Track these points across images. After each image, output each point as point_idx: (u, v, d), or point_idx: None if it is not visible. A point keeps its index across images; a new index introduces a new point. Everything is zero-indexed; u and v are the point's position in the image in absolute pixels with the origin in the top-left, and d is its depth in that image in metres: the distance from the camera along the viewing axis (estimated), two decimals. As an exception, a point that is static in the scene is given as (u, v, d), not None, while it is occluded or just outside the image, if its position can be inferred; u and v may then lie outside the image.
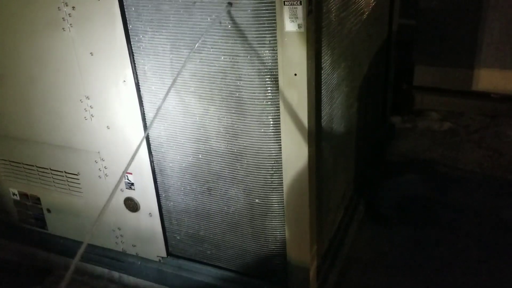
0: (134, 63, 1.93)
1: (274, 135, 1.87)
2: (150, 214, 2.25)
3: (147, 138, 2.09)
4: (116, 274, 2.49)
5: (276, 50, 1.69)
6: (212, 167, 2.03)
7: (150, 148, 2.11)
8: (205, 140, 1.98)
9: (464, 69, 3.86)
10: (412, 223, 2.81)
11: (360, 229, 2.75)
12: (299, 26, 1.61)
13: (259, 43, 1.71)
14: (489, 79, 3.83)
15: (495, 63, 3.73)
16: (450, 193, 3.07)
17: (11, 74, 2.21)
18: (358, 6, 2.31)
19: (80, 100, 2.09)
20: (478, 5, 3.58)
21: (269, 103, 1.81)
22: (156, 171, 2.16)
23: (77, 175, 2.33)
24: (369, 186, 3.03)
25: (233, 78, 1.81)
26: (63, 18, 1.93)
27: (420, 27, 3.79)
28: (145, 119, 2.04)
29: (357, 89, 2.56)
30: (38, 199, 2.55)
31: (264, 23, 1.67)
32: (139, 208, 2.25)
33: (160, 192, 2.21)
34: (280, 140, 1.86)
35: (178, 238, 2.30)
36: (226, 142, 1.95)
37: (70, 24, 1.93)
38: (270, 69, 1.75)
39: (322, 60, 1.86)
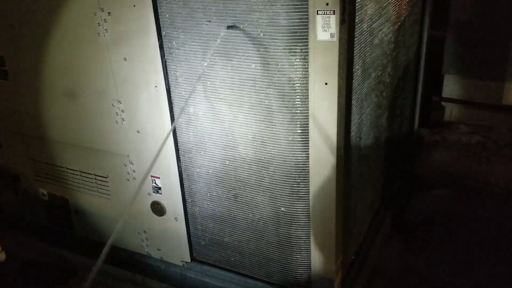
0: (166, 69, 1.96)
1: (301, 143, 1.86)
2: (176, 219, 2.26)
3: (176, 143, 2.11)
4: (139, 277, 2.51)
5: (307, 58, 1.69)
6: (239, 174, 2.04)
7: (178, 153, 2.12)
8: (233, 146, 1.99)
9: (495, 82, 3.78)
10: (439, 238, 2.75)
11: (386, 242, 2.71)
12: (332, 35, 1.61)
13: (290, 52, 1.71)
14: (520, 93, 3.75)
15: (527, 77, 3.65)
16: (479, 208, 2.99)
17: (45, 77, 2.26)
18: (390, 17, 2.30)
19: (112, 104, 2.13)
20: (510, 17, 3.51)
21: (298, 111, 1.81)
22: (183, 176, 2.18)
23: (106, 177, 2.37)
24: (397, 198, 2.99)
25: (263, 86, 1.82)
26: (98, 23, 1.97)
27: (451, 39, 3.74)
28: (174, 124, 2.06)
29: (387, 100, 2.54)
30: (67, 200, 2.60)
31: (296, 32, 1.67)
32: (165, 212, 2.27)
33: (186, 197, 2.22)
34: (308, 149, 1.85)
35: (203, 243, 2.31)
36: (254, 149, 1.95)
37: (105, 29, 1.97)
38: (300, 77, 1.75)
39: (353, 70, 1.85)
